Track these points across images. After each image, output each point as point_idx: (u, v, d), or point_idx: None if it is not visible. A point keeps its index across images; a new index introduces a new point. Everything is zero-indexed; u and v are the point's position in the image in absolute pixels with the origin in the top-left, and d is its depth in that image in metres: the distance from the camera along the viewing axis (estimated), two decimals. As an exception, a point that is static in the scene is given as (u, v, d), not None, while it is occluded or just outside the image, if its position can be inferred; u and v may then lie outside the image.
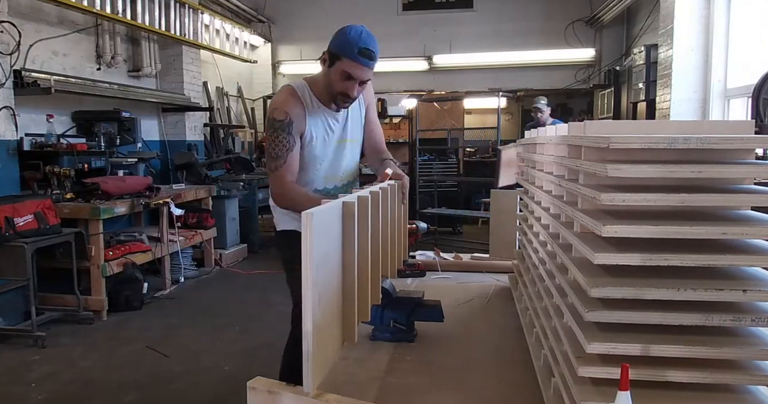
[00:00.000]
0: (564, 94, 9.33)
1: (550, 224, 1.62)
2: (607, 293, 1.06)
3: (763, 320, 1.05)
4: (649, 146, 1.05)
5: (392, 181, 1.90)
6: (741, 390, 1.11)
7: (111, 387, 3.12)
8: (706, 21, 4.86)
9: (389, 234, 1.69)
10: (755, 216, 1.18)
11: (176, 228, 5.12)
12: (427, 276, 2.69)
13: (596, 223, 1.08)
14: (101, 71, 5.53)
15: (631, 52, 6.82)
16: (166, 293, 5.00)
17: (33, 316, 3.78)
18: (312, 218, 0.92)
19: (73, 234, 4.06)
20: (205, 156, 6.97)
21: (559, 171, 1.58)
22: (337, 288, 1.12)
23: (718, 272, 1.13)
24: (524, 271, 2.05)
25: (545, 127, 2.11)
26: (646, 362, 1.05)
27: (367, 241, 1.24)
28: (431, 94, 8.82)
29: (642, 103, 6.11)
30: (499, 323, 2.05)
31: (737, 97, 4.67)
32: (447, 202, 8.37)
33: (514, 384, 1.54)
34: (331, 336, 1.09)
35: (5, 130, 4.08)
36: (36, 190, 4.30)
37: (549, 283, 1.50)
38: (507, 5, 8.50)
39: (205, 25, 6.69)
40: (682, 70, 4.95)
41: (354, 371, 1.65)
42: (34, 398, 3.00)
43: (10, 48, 4.06)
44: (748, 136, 1.21)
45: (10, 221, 3.71)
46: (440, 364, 1.69)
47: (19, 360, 3.49)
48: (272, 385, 1.03)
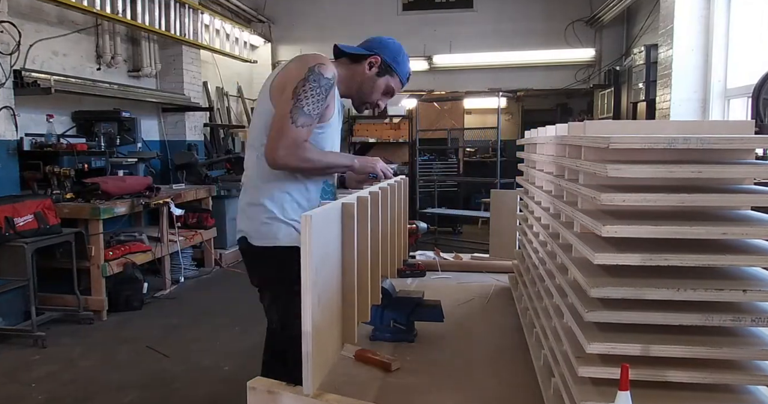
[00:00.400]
0: (564, 94, 9.33)
1: (550, 224, 1.62)
2: (607, 293, 1.06)
3: (763, 320, 1.05)
4: (649, 146, 1.05)
5: (392, 180, 1.86)
6: (741, 390, 1.11)
7: (111, 387, 3.12)
8: (706, 21, 4.86)
9: (389, 235, 1.69)
10: (755, 216, 1.18)
11: (176, 228, 5.12)
12: (427, 276, 2.69)
13: (596, 223, 1.08)
14: (101, 71, 5.53)
15: (631, 52, 6.82)
16: (166, 293, 5.00)
17: (33, 316, 3.78)
18: (311, 219, 0.92)
19: (73, 234, 4.06)
20: (205, 156, 6.98)
21: (559, 171, 1.58)
22: (336, 289, 1.12)
23: (718, 272, 1.13)
24: (524, 271, 2.05)
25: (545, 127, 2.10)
26: (646, 362, 1.05)
27: (366, 241, 1.24)
28: (431, 94, 8.81)
29: (642, 103, 6.11)
30: (499, 323, 2.06)
31: (737, 97, 4.67)
32: (447, 201, 8.37)
33: (514, 384, 1.54)
34: (331, 337, 1.09)
35: (5, 130, 4.08)
36: (36, 190, 4.30)
37: (549, 283, 1.50)
38: (507, 5, 8.49)
39: (205, 25, 6.68)
40: (682, 70, 4.95)
41: (354, 371, 1.65)
42: (34, 398, 3.00)
43: (10, 48, 4.06)
44: (748, 136, 1.21)
45: (10, 221, 3.71)
46: (440, 364, 1.69)
47: (19, 360, 3.49)
48: (272, 385, 1.03)
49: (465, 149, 9.47)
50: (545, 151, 1.81)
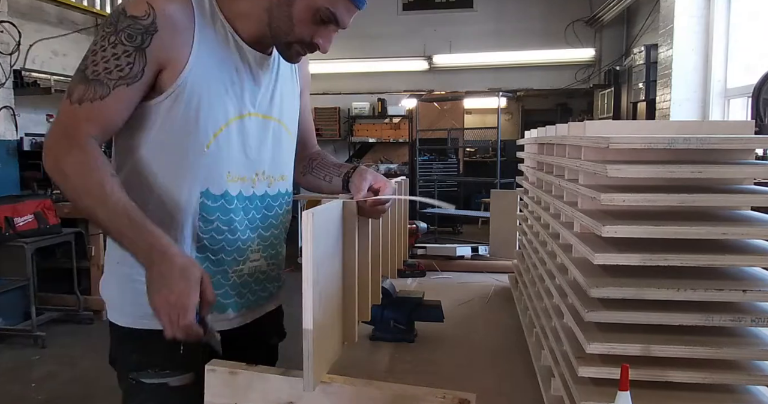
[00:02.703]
0: (564, 94, 9.33)
1: (550, 224, 1.62)
2: (607, 293, 1.06)
3: (763, 320, 1.05)
4: (649, 146, 1.05)
5: (397, 183, 1.49)
6: (741, 390, 1.11)
7: (111, 387, 3.12)
8: (706, 21, 4.87)
9: (389, 234, 1.69)
10: (755, 216, 1.18)
11: (176, 228, 5.12)
12: (427, 276, 2.69)
13: (596, 223, 1.08)
14: (101, 71, 5.53)
15: (631, 52, 6.82)
16: (166, 293, 5.00)
17: (33, 316, 3.78)
18: (313, 217, 0.92)
19: (73, 234, 4.06)
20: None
21: (559, 171, 1.58)
22: (337, 288, 1.13)
23: (718, 272, 1.13)
24: (524, 271, 2.05)
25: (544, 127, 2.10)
26: (646, 362, 1.05)
27: (367, 241, 1.24)
28: (431, 94, 8.82)
29: (642, 103, 6.11)
30: (499, 323, 2.05)
31: (737, 97, 4.68)
32: (447, 201, 8.37)
33: (514, 384, 1.54)
34: (332, 336, 1.09)
35: (5, 130, 4.08)
36: (36, 190, 4.31)
37: (549, 283, 1.50)
38: (507, 5, 8.50)
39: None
40: (682, 70, 4.95)
41: (354, 371, 1.65)
42: (34, 398, 3.00)
43: (10, 48, 4.07)
44: (748, 136, 1.21)
45: (10, 221, 3.71)
46: (440, 364, 1.69)
47: (19, 360, 3.50)
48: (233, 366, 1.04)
49: (465, 149, 9.48)
50: (545, 150, 1.81)
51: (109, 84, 1.01)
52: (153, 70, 1.05)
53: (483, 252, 2.89)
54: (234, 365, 1.03)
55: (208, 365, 1.02)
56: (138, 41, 1.02)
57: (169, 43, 1.05)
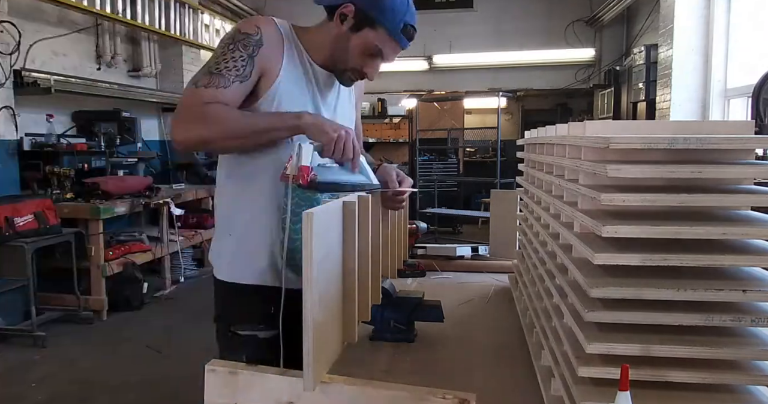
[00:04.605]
0: (564, 94, 9.33)
1: (550, 224, 1.62)
2: (607, 293, 1.06)
3: (763, 320, 1.05)
4: (649, 146, 1.06)
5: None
6: (741, 390, 1.11)
7: (111, 387, 3.12)
8: (706, 21, 4.87)
9: (389, 235, 1.69)
10: (755, 216, 1.18)
11: (176, 228, 5.12)
12: (427, 276, 2.69)
13: (596, 223, 1.08)
14: (101, 71, 5.53)
15: (631, 52, 6.82)
16: (167, 293, 5.00)
17: (33, 316, 3.78)
18: (313, 218, 0.92)
19: (73, 234, 4.06)
20: (205, 156, 6.97)
21: (559, 171, 1.58)
22: (337, 287, 1.13)
23: (718, 272, 1.13)
24: (524, 271, 2.05)
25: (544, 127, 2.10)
26: (646, 362, 1.05)
27: (367, 241, 1.24)
28: (431, 94, 8.82)
29: (642, 103, 6.11)
30: (499, 323, 2.05)
31: (737, 97, 4.67)
32: (447, 201, 8.37)
33: (514, 384, 1.54)
34: (332, 336, 1.10)
35: (5, 130, 4.08)
36: (36, 190, 4.31)
37: (549, 283, 1.50)
38: (507, 5, 8.49)
39: (205, 25, 6.69)
40: (682, 70, 4.95)
41: (354, 371, 1.65)
42: (34, 398, 3.00)
43: (10, 48, 4.07)
44: (748, 136, 1.21)
45: (10, 221, 3.71)
46: (440, 364, 1.69)
47: (19, 360, 3.50)
48: (233, 366, 1.04)
49: (465, 149, 9.48)
50: (545, 151, 1.81)
51: (229, 78, 1.30)
52: (257, 75, 1.35)
53: (483, 252, 2.88)
54: (234, 365, 1.04)
55: (208, 365, 1.04)
56: (250, 50, 1.33)
57: (269, 55, 1.37)
